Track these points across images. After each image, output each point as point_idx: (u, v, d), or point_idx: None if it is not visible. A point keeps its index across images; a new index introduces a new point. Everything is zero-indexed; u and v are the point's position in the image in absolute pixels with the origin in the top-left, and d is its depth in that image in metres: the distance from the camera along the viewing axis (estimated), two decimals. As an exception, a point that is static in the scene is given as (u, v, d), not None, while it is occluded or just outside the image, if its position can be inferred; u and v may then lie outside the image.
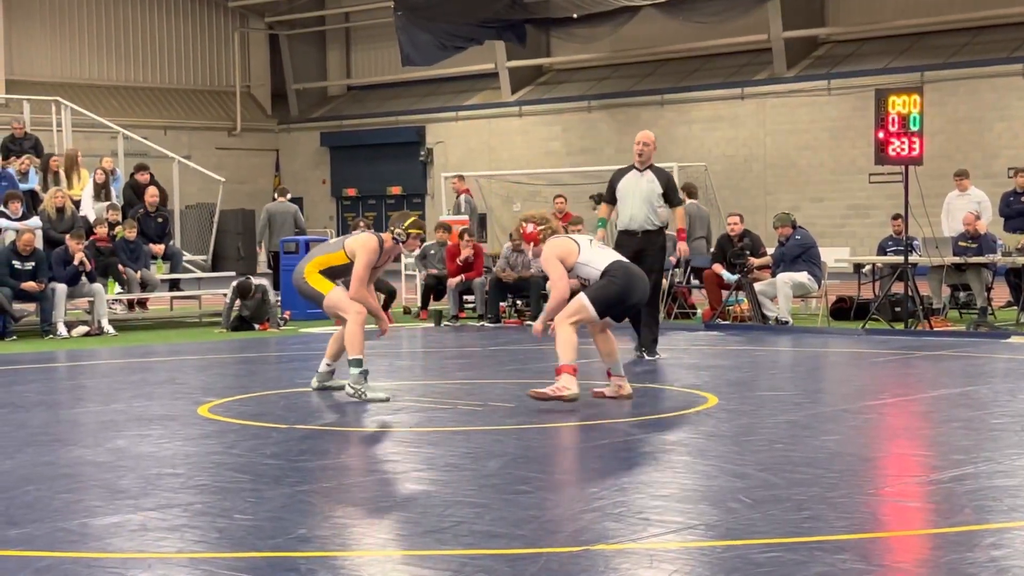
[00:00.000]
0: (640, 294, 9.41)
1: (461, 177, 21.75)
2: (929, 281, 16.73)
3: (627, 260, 9.66)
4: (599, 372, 9.90)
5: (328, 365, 10.07)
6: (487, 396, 9.80)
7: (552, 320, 9.31)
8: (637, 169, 12.64)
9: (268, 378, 11.51)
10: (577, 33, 33.63)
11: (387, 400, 9.45)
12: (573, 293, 9.37)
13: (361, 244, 9.69)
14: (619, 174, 12.80)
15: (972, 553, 5.00)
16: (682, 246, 12.95)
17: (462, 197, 20.86)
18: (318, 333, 16.20)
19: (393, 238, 9.76)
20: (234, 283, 16.97)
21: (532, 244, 9.55)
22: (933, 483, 6.45)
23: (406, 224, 9.76)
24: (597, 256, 9.35)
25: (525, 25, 33.13)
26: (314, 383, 10.14)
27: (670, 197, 12.61)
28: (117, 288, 17.46)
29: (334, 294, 9.68)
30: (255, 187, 39.98)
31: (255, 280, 17.06)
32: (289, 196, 22.95)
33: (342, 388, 9.75)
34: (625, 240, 12.43)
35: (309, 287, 9.74)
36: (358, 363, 9.52)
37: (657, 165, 12.87)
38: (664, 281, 17.01)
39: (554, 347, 9.31)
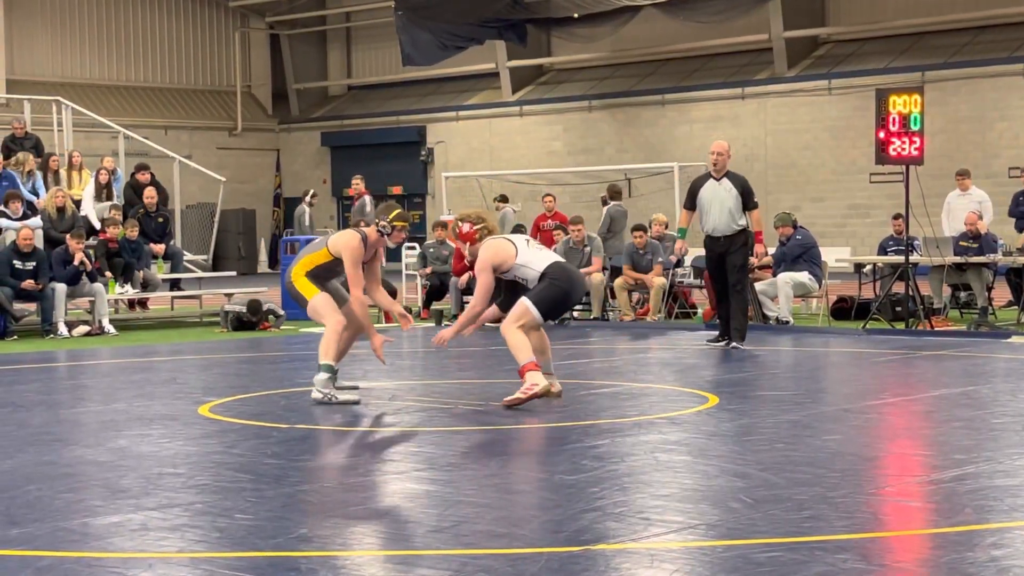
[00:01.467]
0: (579, 293, 9.55)
1: (360, 179, 21.59)
2: (930, 281, 16.73)
3: (563, 260, 9.67)
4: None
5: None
6: (487, 396, 9.81)
7: (461, 331, 9.49)
8: (714, 178, 13.32)
9: (269, 378, 11.52)
10: (578, 33, 33.62)
11: (357, 402, 9.44)
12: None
13: (344, 244, 9.60)
14: (699, 181, 13.55)
15: (973, 553, 5.00)
16: (758, 248, 13.48)
17: (364, 198, 20.62)
18: (318, 333, 16.18)
19: (378, 231, 9.70)
20: (241, 304, 16.91)
21: (468, 243, 9.52)
22: (934, 483, 6.45)
23: (391, 217, 9.68)
24: (535, 257, 9.35)
25: (526, 25, 33.12)
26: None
27: (746, 201, 13.25)
28: (117, 288, 17.46)
29: (316, 300, 9.62)
30: (256, 187, 39.99)
31: (265, 304, 16.99)
32: (313, 200, 23.37)
33: (355, 388, 9.77)
34: (710, 244, 13.43)
35: (296, 290, 9.72)
36: (328, 368, 9.49)
37: (732, 171, 13.52)
38: (665, 280, 17.05)
39: (548, 347, 9.41)
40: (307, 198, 23.43)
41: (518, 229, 18.67)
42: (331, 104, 41.81)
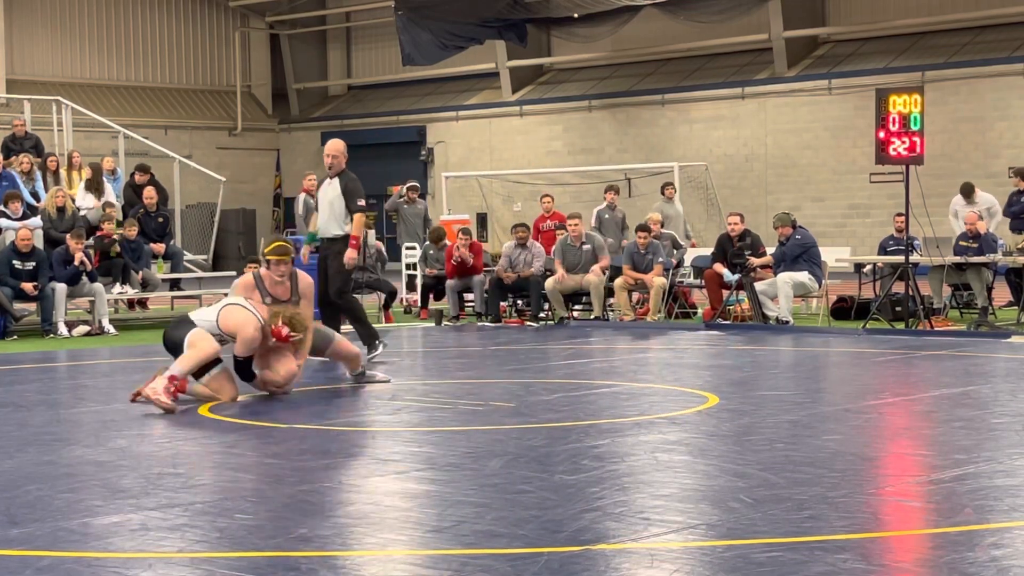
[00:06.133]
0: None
1: (310, 178, 20.52)
2: (930, 281, 16.73)
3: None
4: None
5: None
6: (488, 396, 9.81)
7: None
8: (329, 177, 12.39)
9: (269, 378, 11.50)
10: (578, 32, 33.62)
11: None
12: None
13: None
14: (322, 181, 12.68)
15: (973, 553, 5.00)
16: (350, 253, 12.07)
17: (300, 196, 19.94)
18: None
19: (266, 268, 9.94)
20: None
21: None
22: (934, 483, 6.45)
23: (266, 250, 9.87)
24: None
25: (526, 24, 33.12)
26: None
27: (347, 203, 12.13)
28: (117, 287, 17.46)
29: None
30: (256, 187, 39.98)
31: None
32: (404, 193, 20.84)
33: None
34: (321, 245, 12.43)
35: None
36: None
37: (349, 171, 12.30)
38: (664, 280, 17.04)
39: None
40: (405, 191, 20.86)
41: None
42: (331, 104, 41.81)
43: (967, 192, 18.75)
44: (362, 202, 12.20)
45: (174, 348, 9.62)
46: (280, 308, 9.69)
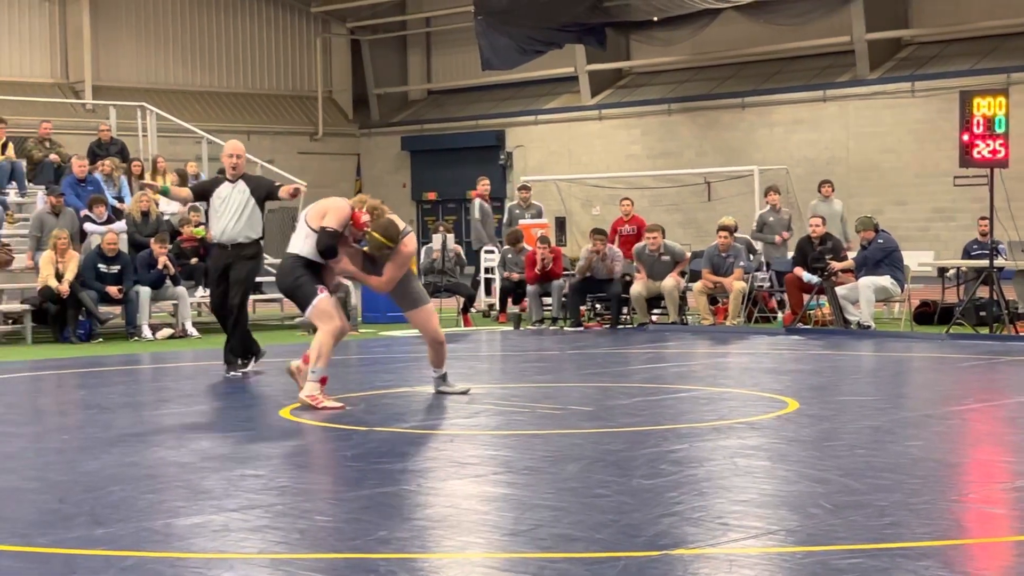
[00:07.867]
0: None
1: (483, 183, 20.90)
2: (1015, 285, 16.49)
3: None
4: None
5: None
6: (566, 400, 9.80)
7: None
8: (229, 181, 11.80)
9: (349, 381, 11.59)
10: (657, 36, 33.51)
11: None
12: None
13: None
14: (214, 182, 12.05)
15: (1058, 561, 4.93)
16: (292, 188, 11.68)
17: (476, 201, 20.24)
18: (399, 336, 16.28)
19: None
20: None
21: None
22: (1018, 489, 6.36)
23: (377, 232, 9.59)
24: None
25: (605, 28, 33.07)
26: None
27: (260, 198, 11.82)
28: (200, 291, 17.65)
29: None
30: (336, 191, 39.93)
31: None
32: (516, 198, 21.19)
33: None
34: (217, 253, 11.89)
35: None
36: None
37: (250, 174, 12.09)
38: (745, 284, 16.94)
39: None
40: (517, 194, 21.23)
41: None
42: (411, 109, 42.00)
43: None
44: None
45: (290, 294, 10.01)
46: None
